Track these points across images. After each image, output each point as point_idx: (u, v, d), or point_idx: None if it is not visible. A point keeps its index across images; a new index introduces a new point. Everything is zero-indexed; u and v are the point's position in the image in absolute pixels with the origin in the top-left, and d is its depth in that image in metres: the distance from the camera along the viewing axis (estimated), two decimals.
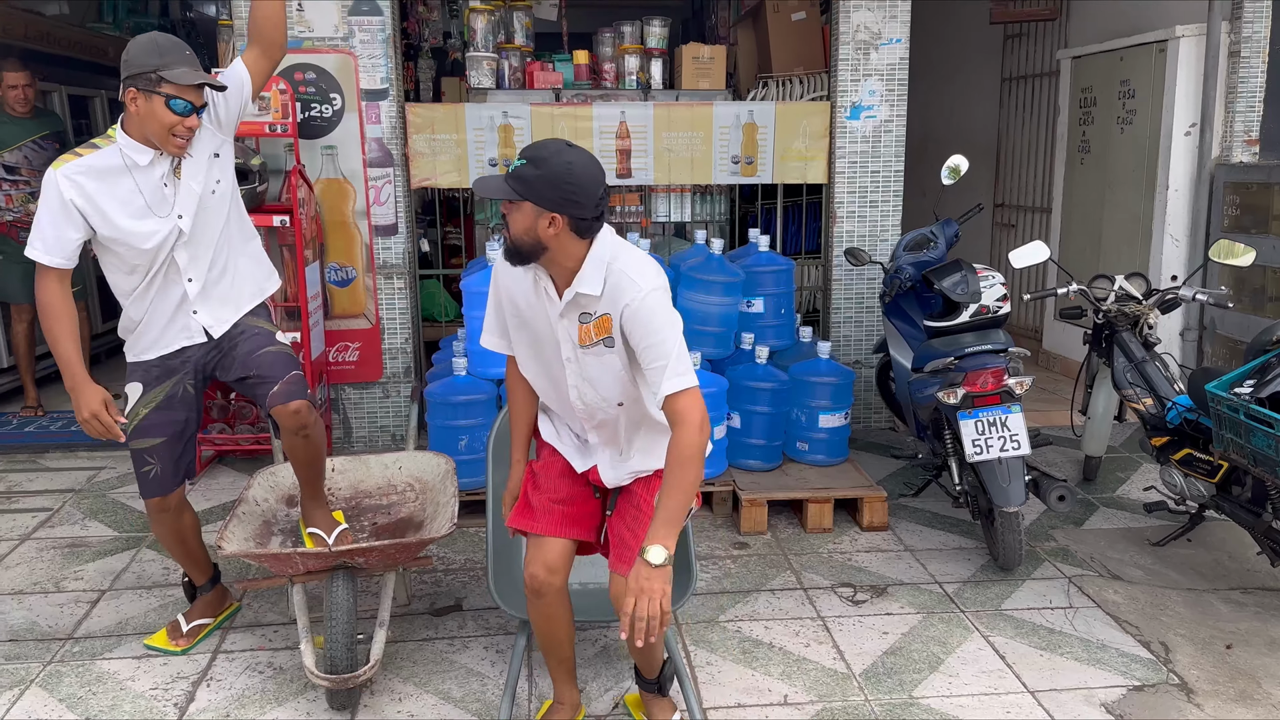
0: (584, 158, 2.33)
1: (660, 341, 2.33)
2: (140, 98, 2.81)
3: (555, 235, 2.31)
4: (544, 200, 2.28)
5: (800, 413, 4.49)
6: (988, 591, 3.72)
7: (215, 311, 3.09)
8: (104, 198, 2.84)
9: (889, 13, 5.15)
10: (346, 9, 4.88)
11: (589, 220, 2.33)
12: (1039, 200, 7.22)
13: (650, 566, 2.25)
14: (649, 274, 2.38)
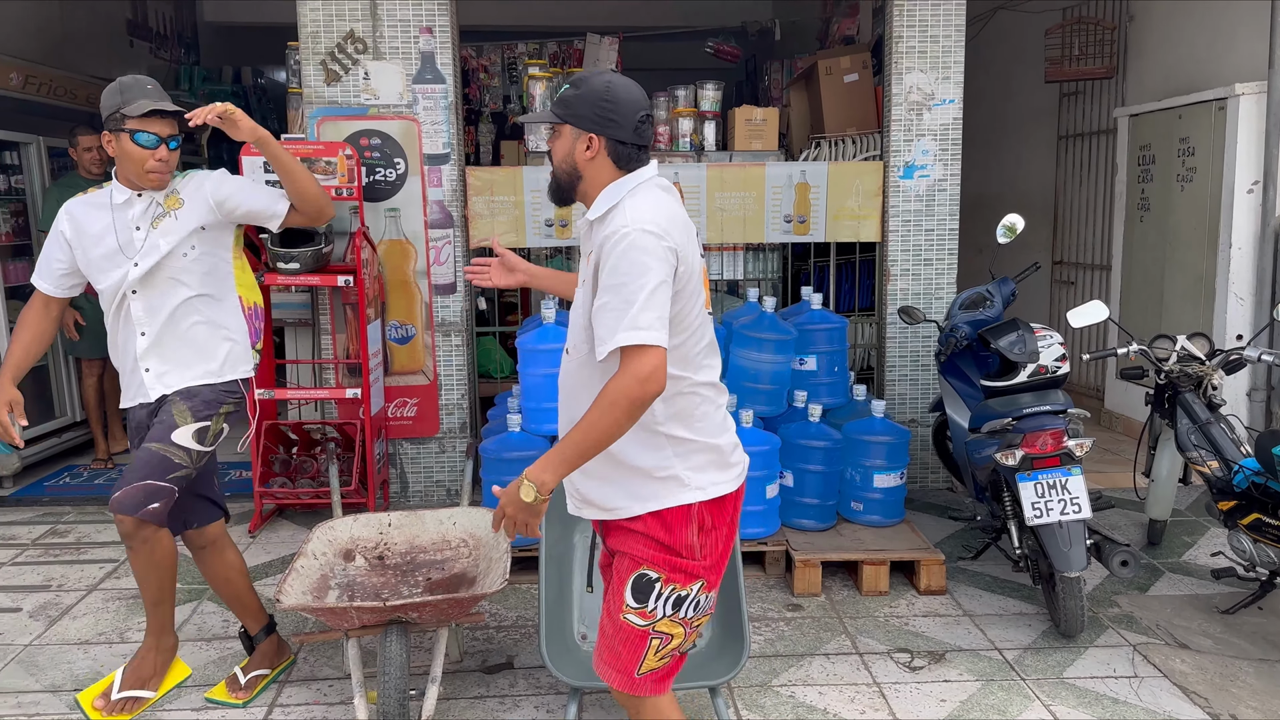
0: (625, 80, 2.23)
1: (622, 285, 2.05)
2: (114, 140, 2.95)
3: (591, 160, 2.21)
4: (581, 120, 2.20)
5: (855, 472, 4.46)
6: (1049, 659, 3.63)
7: (160, 372, 3.14)
8: (86, 230, 3.04)
9: (942, 74, 5.19)
10: (411, 77, 5.06)
11: (628, 146, 2.20)
12: (1098, 258, 7.14)
13: (519, 497, 2.10)
14: (646, 214, 2.11)
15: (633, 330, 2.03)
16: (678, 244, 2.11)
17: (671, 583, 2.23)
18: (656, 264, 2.06)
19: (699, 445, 2.25)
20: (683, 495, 2.23)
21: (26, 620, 4.00)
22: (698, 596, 2.26)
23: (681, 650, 2.32)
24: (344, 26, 5.00)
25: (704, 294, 2.27)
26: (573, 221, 5.20)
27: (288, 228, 4.66)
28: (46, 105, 6.19)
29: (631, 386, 2.03)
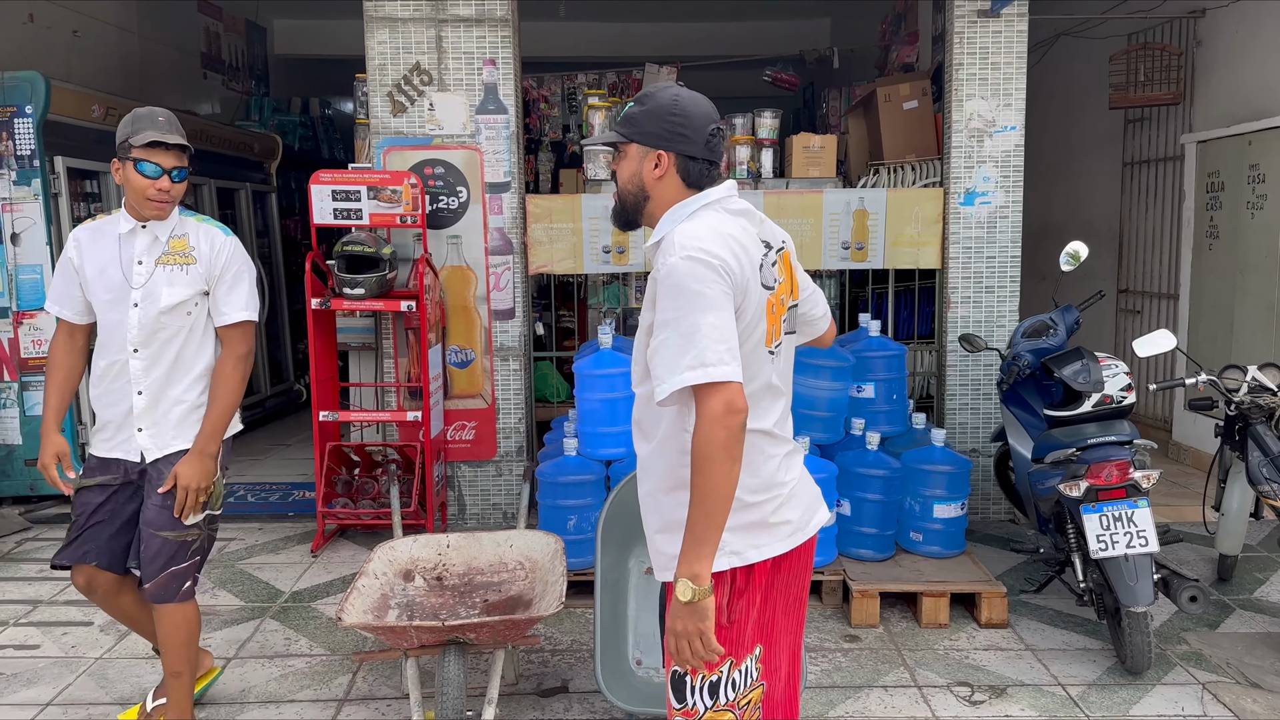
0: (694, 93, 2.09)
1: (679, 319, 1.89)
2: (121, 167, 2.96)
3: (660, 179, 2.06)
4: (648, 136, 2.05)
5: (914, 502, 4.40)
6: (1114, 696, 3.54)
7: (157, 437, 3.04)
8: (91, 255, 3.01)
9: (1003, 100, 5.16)
10: (474, 108, 5.16)
11: (699, 162, 2.05)
12: (1165, 286, 7.00)
13: (679, 603, 1.89)
14: (696, 238, 1.94)
15: (701, 368, 1.86)
16: (734, 270, 1.94)
17: (700, 671, 2.01)
18: (714, 290, 1.90)
19: (740, 502, 1.97)
20: (715, 561, 1.95)
21: (97, 634, 4.11)
22: (731, 675, 2.03)
23: None
24: (410, 59, 5.13)
25: (765, 327, 2.04)
26: (630, 249, 5.25)
27: (353, 255, 4.81)
28: None
29: (713, 430, 1.86)
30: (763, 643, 2.09)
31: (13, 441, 5.74)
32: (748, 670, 2.05)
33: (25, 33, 6.50)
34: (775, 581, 2.10)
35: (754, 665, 2.07)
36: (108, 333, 3.02)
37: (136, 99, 6.89)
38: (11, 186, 5.58)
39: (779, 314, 2.09)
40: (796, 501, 2.12)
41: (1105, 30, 6.92)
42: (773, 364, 2.08)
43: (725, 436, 1.86)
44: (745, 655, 2.05)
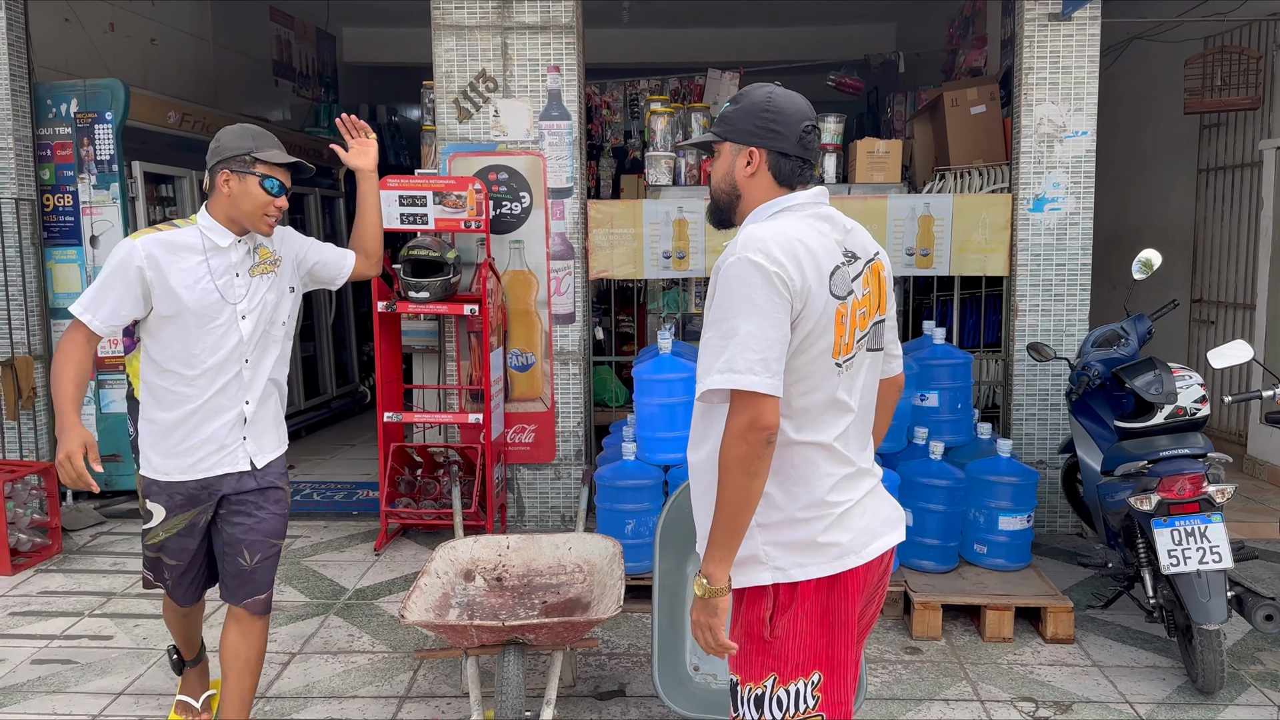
0: (788, 91, 2.08)
1: (723, 320, 1.89)
2: (234, 179, 2.87)
3: (751, 176, 2.05)
4: (740, 134, 2.05)
5: (978, 513, 4.33)
6: (1185, 715, 3.44)
7: (259, 440, 3.02)
8: (173, 272, 2.82)
9: (1074, 105, 5.06)
10: (538, 114, 5.21)
11: (791, 159, 2.03)
12: (1241, 296, 6.79)
13: (695, 596, 1.95)
14: (759, 238, 1.91)
15: (729, 373, 1.85)
16: (794, 276, 1.88)
17: (747, 682, 2.02)
18: (763, 296, 1.86)
19: (788, 516, 1.98)
20: (758, 575, 1.99)
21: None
22: (776, 693, 1.99)
23: None
24: (476, 66, 5.20)
25: (832, 338, 1.96)
26: (690, 254, 5.25)
27: (418, 259, 4.88)
28: (200, 141, 6.60)
29: (734, 444, 1.86)
30: (823, 671, 2.00)
31: None
32: (799, 693, 1.99)
33: (106, 41, 6.72)
34: (833, 605, 2.01)
35: (809, 691, 2.00)
36: (201, 348, 2.86)
37: (211, 105, 7.10)
38: (92, 190, 5.77)
39: (854, 326, 2.01)
40: (851, 524, 2.03)
41: (1180, 33, 6.75)
42: (840, 377, 1.99)
43: (745, 451, 1.85)
44: (796, 677, 1.99)
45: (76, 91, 5.72)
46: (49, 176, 5.78)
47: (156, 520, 2.99)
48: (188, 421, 2.90)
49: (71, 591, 4.62)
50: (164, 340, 2.88)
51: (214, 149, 2.92)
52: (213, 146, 2.93)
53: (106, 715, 3.47)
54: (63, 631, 4.18)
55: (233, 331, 2.91)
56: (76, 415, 2.79)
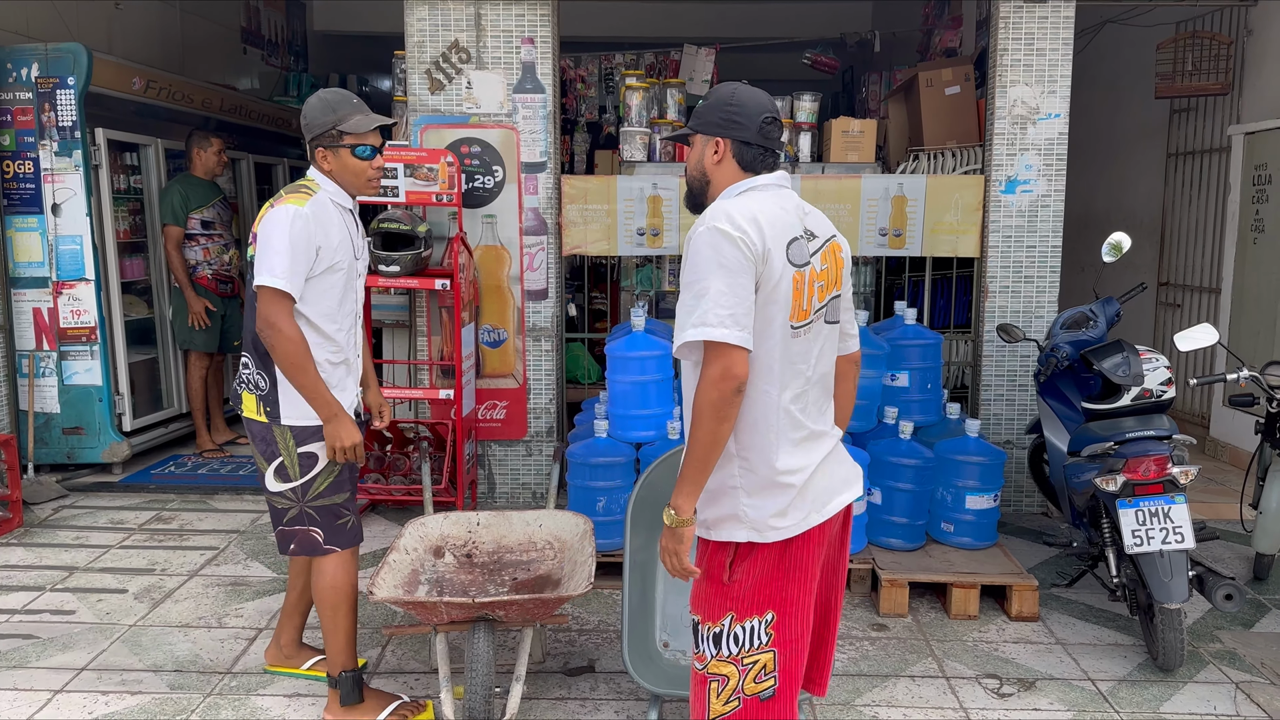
0: (752, 89, 2.30)
1: (694, 281, 2.08)
2: (330, 155, 3.00)
3: (718, 163, 2.27)
4: (708, 125, 2.27)
5: (946, 492, 4.37)
6: (1145, 693, 3.50)
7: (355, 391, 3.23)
8: (329, 234, 2.96)
9: (1047, 88, 5.07)
10: (511, 87, 5.15)
11: (754, 147, 2.24)
12: (1207, 280, 6.88)
13: (665, 525, 2.16)
14: (724, 211, 2.11)
15: (701, 326, 2.05)
16: (755, 241, 2.08)
17: (706, 621, 2.23)
18: (729, 258, 2.06)
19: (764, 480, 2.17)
20: (734, 532, 2.20)
21: (132, 601, 4.17)
22: (732, 630, 2.20)
23: (760, 696, 2.22)
24: (449, 36, 5.12)
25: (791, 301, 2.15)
26: (664, 231, 5.22)
27: (389, 232, 4.82)
28: (165, 109, 6.48)
29: (707, 390, 2.06)
30: (776, 611, 2.20)
31: (51, 410, 5.82)
32: (753, 630, 2.19)
33: (68, 4, 6.55)
34: (790, 555, 2.21)
35: (762, 629, 2.20)
36: (339, 303, 3.04)
37: (177, 72, 6.96)
38: (53, 157, 5.64)
39: (810, 295, 2.21)
40: (814, 485, 2.23)
41: (1153, 18, 6.78)
42: (796, 341, 2.19)
43: (716, 397, 2.05)
44: (749, 616, 2.19)
45: (38, 55, 5.58)
46: (9, 142, 5.64)
47: (321, 465, 3.04)
48: (334, 372, 3.05)
49: (33, 565, 4.56)
50: (311, 298, 2.97)
51: (305, 126, 3.01)
52: (303, 124, 3.01)
53: (69, 690, 3.43)
54: (23, 606, 4.12)
55: (355, 284, 3.13)
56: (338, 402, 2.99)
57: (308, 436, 3.01)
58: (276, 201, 2.95)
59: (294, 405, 2.99)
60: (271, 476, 3.05)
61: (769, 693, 2.21)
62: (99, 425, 5.85)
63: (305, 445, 3.01)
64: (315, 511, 3.07)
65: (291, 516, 3.08)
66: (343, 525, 3.12)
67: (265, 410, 3.00)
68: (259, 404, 3.02)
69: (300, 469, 3.02)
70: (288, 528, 3.10)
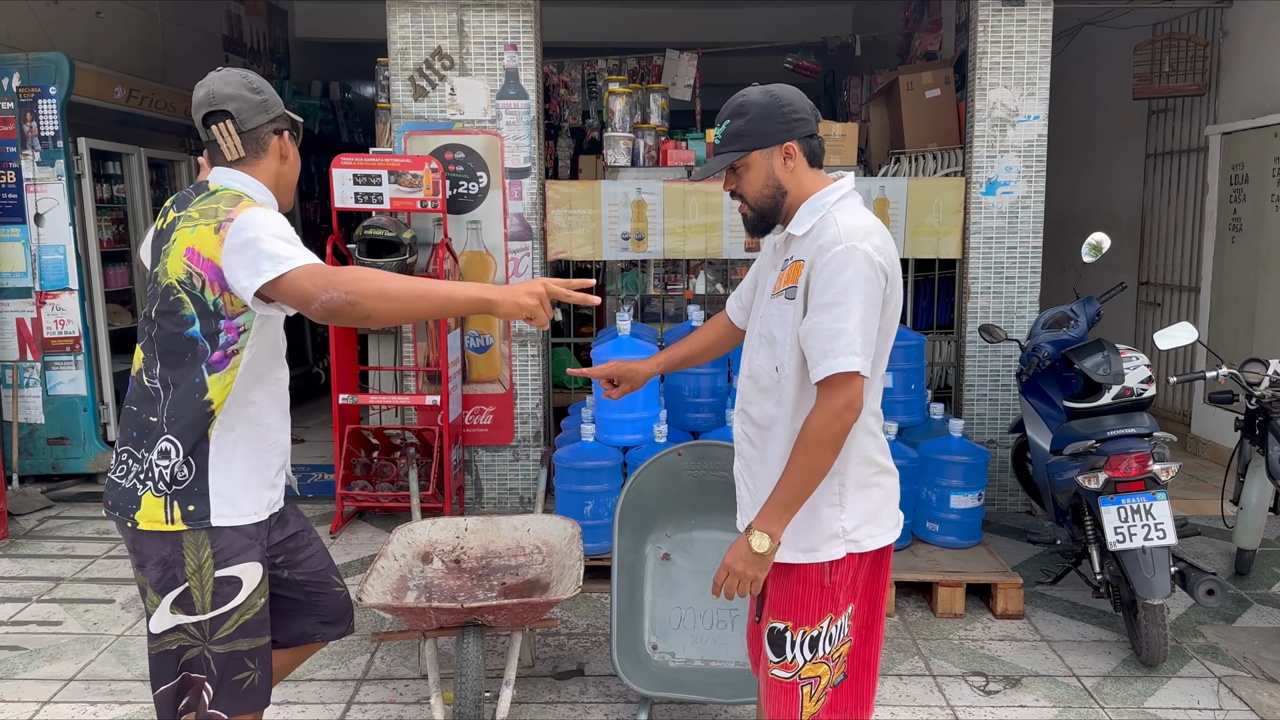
0: (781, 86, 2.21)
1: (834, 304, 2.00)
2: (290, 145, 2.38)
3: (793, 170, 2.16)
4: (770, 136, 2.14)
5: (930, 492, 4.40)
6: (1129, 688, 3.54)
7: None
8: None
9: (1026, 90, 5.12)
10: (495, 93, 5.17)
11: (815, 138, 2.18)
12: (1186, 279, 6.95)
13: (751, 551, 2.05)
14: (861, 229, 2.05)
15: (848, 355, 1.99)
16: (889, 264, 2.07)
17: (801, 627, 2.17)
18: (872, 284, 2.02)
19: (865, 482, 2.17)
20: (834, 549, 2.15)
21: (119, 611, 4.16)
22: (829, 631, 2.18)
23: (834, 684, 2.23)
24: (432, 43, 5.14)
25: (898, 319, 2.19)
26: (649, 236, 5.24)
27: (373, 239, 4.83)
28: (147, 118, 6.46)
29: (831, 422, 2.01)
30: (855, 602, 2.22)
31: (35, 420, 5.80)
32: (842, 626, 2.20)
33: (49, 13, 6.54)
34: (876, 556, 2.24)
35: (847, 622, 2.21)
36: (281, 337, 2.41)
37: (159, 81, 6.94)
38: (35, 167, 5.62)
39: None
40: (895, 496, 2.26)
41: (1130, 20, 6.85)
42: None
43: (839, 429, 2.02)
44: (842, 613, 2.19)
45: (19, 65, 5.56)
46: None
47: (242, 596, 2.24)
48: (282, 432, 2.40)
49: (18, 577, 4.54)
50: (265, 334, 2.28)
51: (258, 103, 2.29)
52: (254, 99, 2.28)
53: (56, 701, 3.42)
54: (10, 617, 4.10)
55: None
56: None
57: (237, 551, 2.23)
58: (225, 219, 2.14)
59: (234, 494, 2.24)
60: (166, 609, 2.21)
61: (840, 679, 2.24)
62: (84, 435, 5.83)
63: (230, 565, 2.22)
64: (215, 659, 2.24)
65: (185, 659, 2.25)
66: (241, 684, 2.27)
67: (182, 512, 2.18)
68: (169, 506, 2.18)
69: (213, 599, 2.21)
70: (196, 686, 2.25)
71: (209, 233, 2.15)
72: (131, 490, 2.21)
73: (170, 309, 2.20)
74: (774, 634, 2.19)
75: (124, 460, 2.25)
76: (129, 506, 2.20)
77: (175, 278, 2.18)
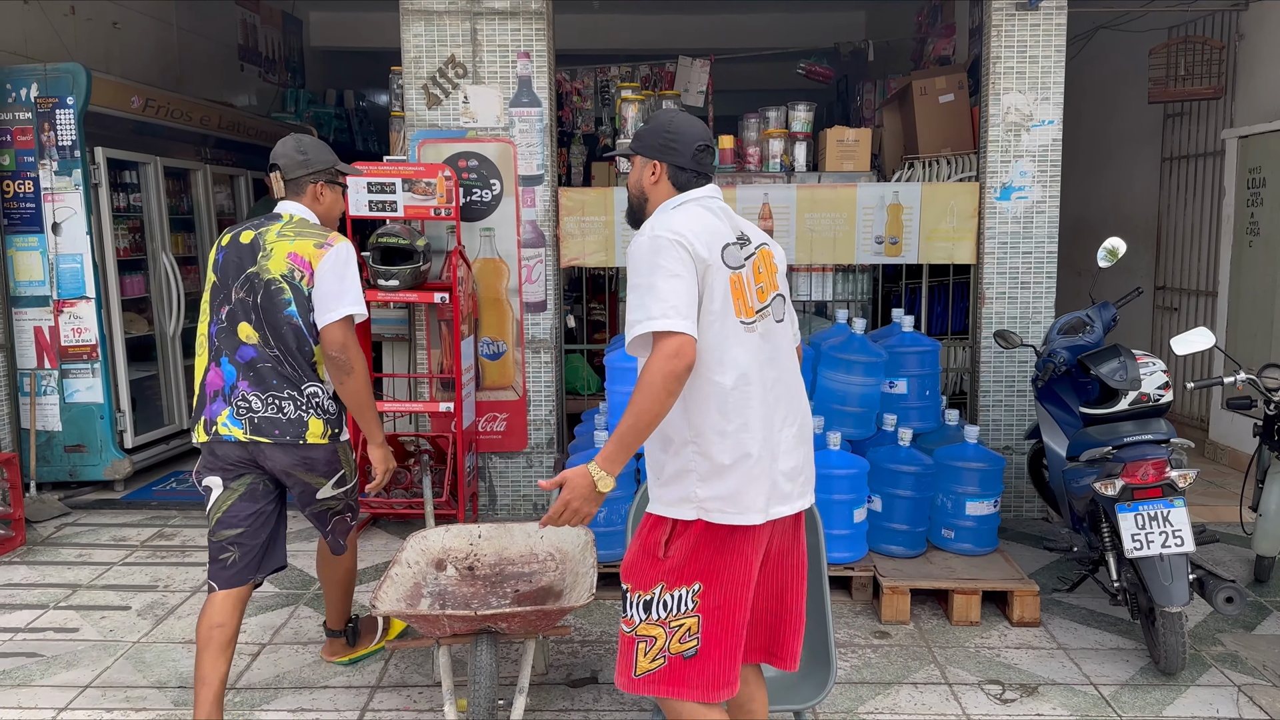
0: (688, 116, 2.52)
1: (638, 283, 2.27)
2: (326, 190, 3.36)
3: (655, 184, 2.48)
4: (648, 149, 2.48)
5: (946, 499, 4.38)
6: (1148, 696, 3.51)
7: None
8: None
9: (1041, 94, 5.10)
10: (508, 101, 5.18)
11: (687, 172, 2.45)
12: (1203, 284, 6.90)
13: (592, 486, 2.28)
14: (667, 223, 2.32)
15: (647, 320, 2.22)
16: (693, 243, 2.27)
17: (637, 590, 2.39)
18: (668, 261, 2.24)
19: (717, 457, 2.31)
20: (684, 510, 2.35)
21: (135, 619, 4.18)
22: (662, 598, 2.36)
23: (684, 655, 2.37)
24: (445, 52, 5.16)
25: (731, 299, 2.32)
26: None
27: (388, 247, 4.84)
28: (164, 127, 6.51)
29: (659, 362, 2.19)
30: (703, 582, 2.35)
31: (53, 428, 5.84)
32: (680, 598, 2.35)
33: (66, 24, 6.60)
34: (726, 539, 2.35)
35: (689, 597, 2.35)
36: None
37: (175, 90, 6.99)
38: (53, 176, 5.67)
39: (753, 295, 2.39)
40: (763, 483, 2.36)
41: (1145, 23, 6.82)
42: (749, 335, 2.35)
43: (669, 370, 2.19)
44: (678, 585, 2.35)
45: (37, 75, 5.61)
46: (9, 162, 5.67)
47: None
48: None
49: (36, 584, 4.56)
50: None
51: (300, 160, 3.27)
52: (298, 158, 3.27)
53: (73, 708, 3.43)
54: (27, 624, 4.13)
55: None
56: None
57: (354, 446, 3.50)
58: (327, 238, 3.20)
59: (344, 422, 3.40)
60: (330, 487, 3.35)
61: (691, 652, 2.37)
62: (100, 442, 5.87)
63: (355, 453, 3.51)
64: (354, 501, 3.53)
65: (337, 511, 3.45)
66: (357, 506, 3.61)
67: (331, 433, 3.28)
68: (326, 428, 3.26)
69: (353, 471, 3.46)
70: (342, 521, 3.49)
71: (310, 246, 3.18)
72: (303, 414, 3.21)
73: (272, 295, 3.15)
74: (623, 592, 2.44)
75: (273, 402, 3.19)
76: (297, 425, 3.20)
77: (279, 273, 3.15)
